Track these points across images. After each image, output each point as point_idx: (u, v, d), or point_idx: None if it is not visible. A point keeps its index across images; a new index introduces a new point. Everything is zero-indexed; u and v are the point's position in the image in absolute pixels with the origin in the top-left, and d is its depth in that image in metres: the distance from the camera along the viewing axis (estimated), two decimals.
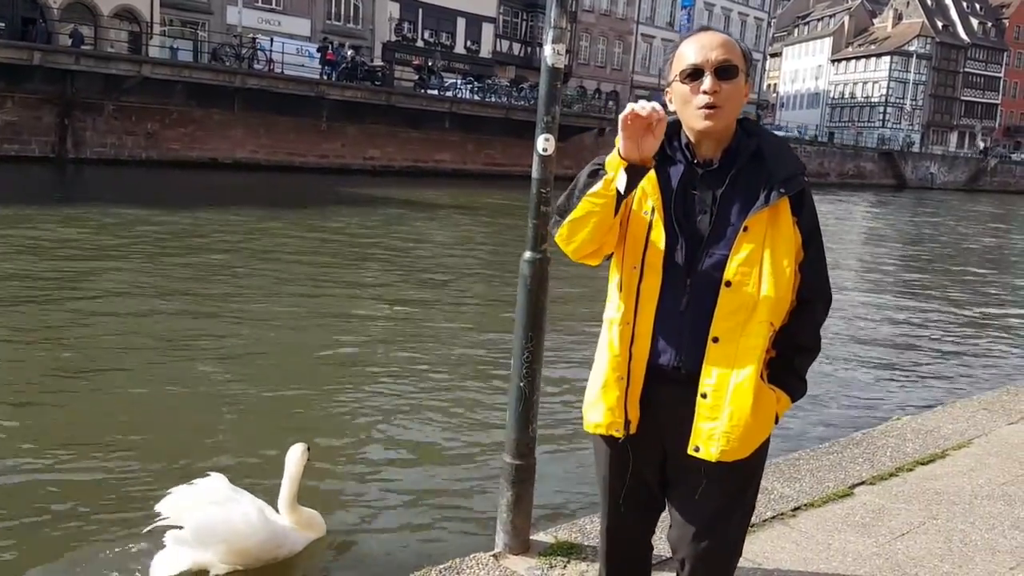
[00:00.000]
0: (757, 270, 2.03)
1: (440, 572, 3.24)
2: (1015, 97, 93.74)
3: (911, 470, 4.62)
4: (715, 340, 2.05)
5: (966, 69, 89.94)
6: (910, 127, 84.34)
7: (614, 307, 2.17)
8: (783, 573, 3.38)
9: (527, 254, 3.24)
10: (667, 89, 2.19)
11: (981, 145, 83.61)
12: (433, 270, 14.13)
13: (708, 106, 2.03)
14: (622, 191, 2.02)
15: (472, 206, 26.73)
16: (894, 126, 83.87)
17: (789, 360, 2.17)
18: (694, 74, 2.05)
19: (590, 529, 3.61)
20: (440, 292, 12.31)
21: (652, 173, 2.08)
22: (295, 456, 4.11)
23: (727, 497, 2.18)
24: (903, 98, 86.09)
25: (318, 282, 12.24)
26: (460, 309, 11.30)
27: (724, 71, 2.03)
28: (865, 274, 17.83)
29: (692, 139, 2.12)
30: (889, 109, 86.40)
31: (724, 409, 2.06)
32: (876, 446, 4.98)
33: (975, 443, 5.18)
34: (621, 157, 2.00)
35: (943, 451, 4.97)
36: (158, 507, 3.83)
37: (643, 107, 1.95)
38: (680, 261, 2.07)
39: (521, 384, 3.27)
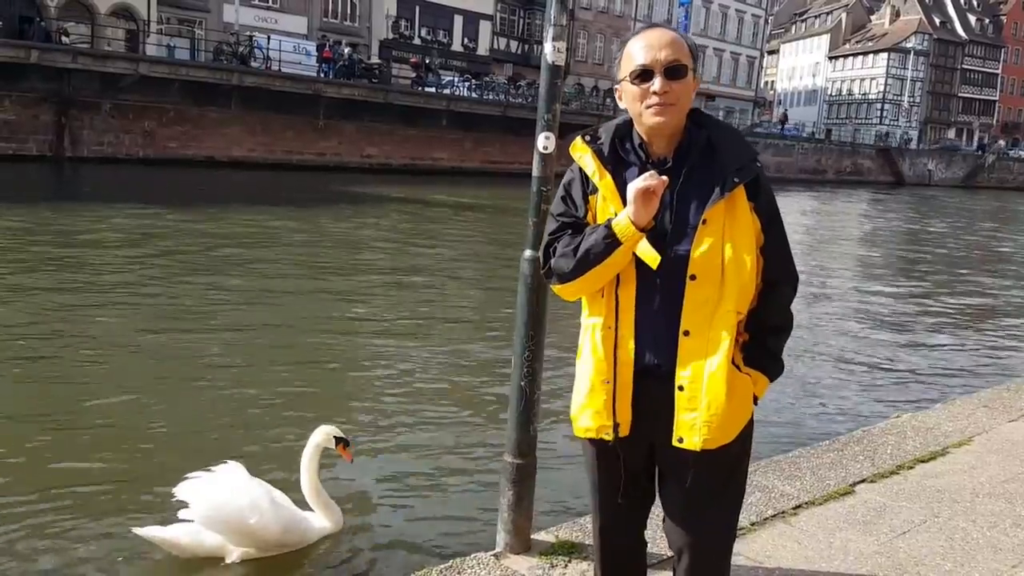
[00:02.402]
0: (719, 261, 2.07)
1: (441, 571, 3.24)
2: (1013, 93, 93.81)
3: (912, 468, 4.62)
4: (686, 333, 2.10)
5: (964, 66, 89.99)
6: (908, 124, 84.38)
7: (595, 314, 2.21)
8: (784, 572, 3.38)
9: (527, 252, 3.23)
10: (617, 88, 2.22)
11: (970, 145, 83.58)
12: (432, 269, 14.11)
13: (659, 105, 2.07)
14: (646, 253, 2.07)
15: (470, 204, 26.71)
16: (892, 123, 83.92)
17: (762, 342, 2.22)
18: (643, 75, 2.09)
19: (591, 528, 3.60)
20: (439, 291, 12.30)
21: (609, 179, 2.14)
22: (310, 441, 4.24)
23: (716, 484, 2.22)
24: (901, 95, 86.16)
25: (315, 281, 12.22)
26: (460, 308, 11.30)
27: (673, 71, 2.08)
28: (863, 271, 17.84)
29: (645, 138, 2.16)
30: (887, 106, 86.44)
31: (701, 399, 2.10)
32: (877, 444, 4.97)
33: (976, 441, 5.18)
34: (637, 228, 2.03)
35: (944, 449, 4.97)
36: (175, 491, 3.98)
37: (653, 180, 2.00)
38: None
39: (522, 383, 3.26)
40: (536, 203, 3.19)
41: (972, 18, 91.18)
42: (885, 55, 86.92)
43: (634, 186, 2.02)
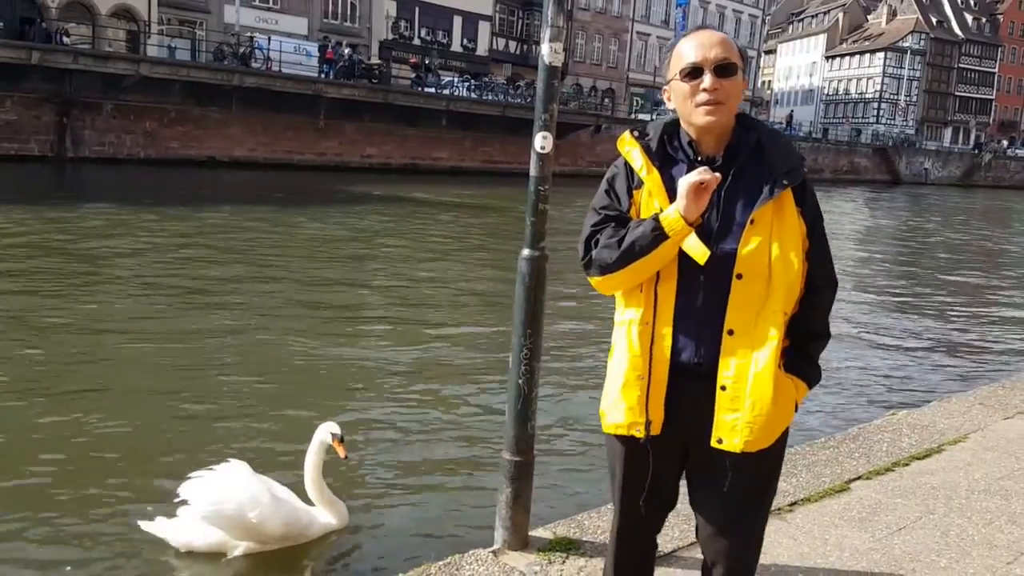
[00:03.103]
0: (766, 261, 2.07)
1: (440, 568, 3.26)
2: (1009, 93, 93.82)
3: (907, 465, 4.64)
4: (730, 332, 2.09)
5: (960, 65, 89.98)
6: (904, 123, 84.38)
7: (632, 309, 2.20)
8: (780, 568, 3.40)
9: (525, 251, 3.26)
10: (665, 88, 2.22)
11: (967, 144, 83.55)
12: (431, 267, 14.13)
13: (709, 103, 2.07)
14: (694, 248, 2.08)
15: (470, 203, 26.71)
16: (888, 122, 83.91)
17: (803, 347, 2.22)
18: (693, 72, 2.09)
19: (588, 525, 3.63)
20: (438, 289, 12.31)
21: (656, 175, 2.14)
22: (314, 438, 4.27)
23: (753, 488, 2.22)
24: (897, 94, 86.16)
25: (315, 280, 12.24)
26: (458, 306, 11.32)
27: (723, 69, 2.08)
28: (859, 269, 17.84)
29: (693, 136, 2.16)
30: (883, 105, 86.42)
31: (745, 400, 2.09)
32: (872, 441, 5.00)
33: (971, 438, 5.20)
34: (687, 222, 2.04)
35: (939, 446, 4.99)
36: (179, 489, 4.03)
37: (707, 175, 2.01)
38: (693, 259, 2.09)
39: (520, 381, 3.29)
40: (534, 202, 3.22)
41: (969, 17, 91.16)
42: (882, 54, 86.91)
43: (687, 180, 2.03)
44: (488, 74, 47.66)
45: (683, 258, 2.10)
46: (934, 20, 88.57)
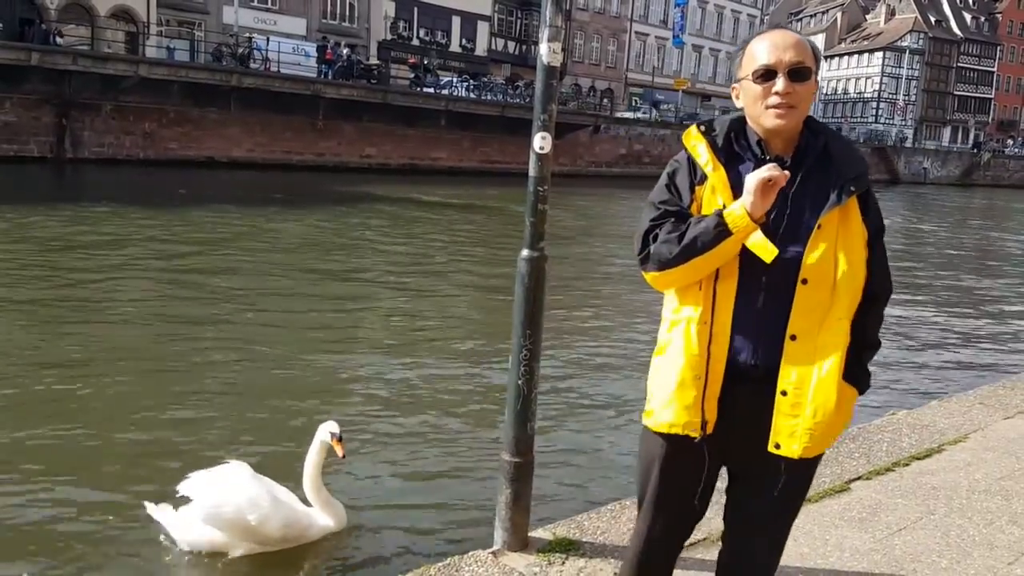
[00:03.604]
0: (832, 267, 2.05)
1: (439, 570, 3.25)
2: (1008, 92, 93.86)
3: (907, 465, 4.63)
4: (793, 338, 2.07)
5: (959, 64, 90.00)
6: (903, 122, 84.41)
7: (689, 306, 2.15)
8: (780, 568, 3.34)
9: (525, 252, 3.25)
10: (734, 86, 2.19)
11: (966, 143, 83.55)
12: (431, 268, 14.13)
13: (780, 106, 2.04)
14: (761, 245, 2.04)
15: (469, 204, 26.71)
16: (887, 121, 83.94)
17: (859, 356, 2.19)
18: (766, 75, 2.06)
19: (588, 526, 3.62)
20: (438, 290, 12.31)
21: (722, 171, 2.11)
22: (315, 438, 4.26)
23: (798, 492, 2.25)
24: (896, 93, 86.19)
25: (314, 281, 12.24)
26: (458, 307, 11.31)
27: (797, 73, 2.05)
28: None
29: (762, 136, 2.13)
30: (882, 104, 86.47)
31: (807, 407, 2.07)
32: (872, 441, 4.99)
33: (971, 438, 5.20)
34: (752, 219, 2.01)
35: (939, 446, 4.98)
36: (178, 488, 4.04)
37: (776, 171, 1.99)
38: (756, 259, 2.06)
39: (519, 382, 3.28)
40: (533, 203, 3.21)
41: (967, 16, 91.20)
42: (880, 54, 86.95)
43: (756, 176, 1.99)
44: (487, 74, 47.66)
45: (745, 257, 2.07)
46: (933, 19, 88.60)
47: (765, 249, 2.02)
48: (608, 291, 13.06)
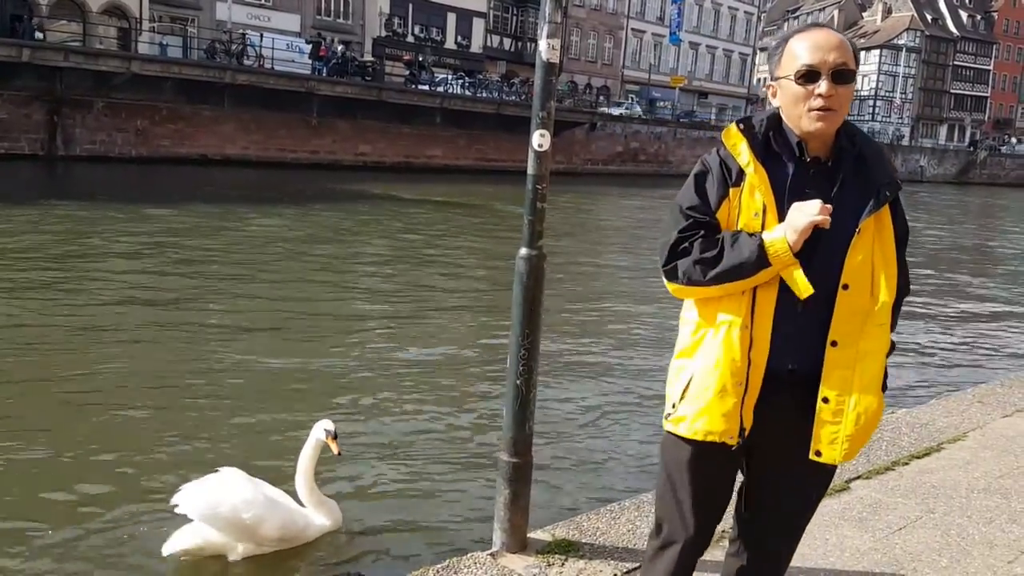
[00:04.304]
0: (870, 272, 2.04)
1: (438, 571, 3.23)
2: (1004, 90, 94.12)
3: (907, 464, 4.62)
4: (833, 344, 2.04)
5: (955, 62, 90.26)
6: (900, 120, 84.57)
7: (727, 312, 2.09)
8: None
9: (523, 251, 3.22)
10: (771, 84, 2.14)
11: (962, 142, 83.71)
12: (427, 267, 14.10)
13: (823, 109, 2.00)
14: (800, 281, 2.01)
15: (465, 202, 26.68)
16: (883, 119, 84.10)
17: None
18: (809, 75, 2.01)
19: (587, 527, 3.60)
20: (435, 289, 12.27)
21: (763, 172, 2.06)
22: (310, 436, 4.26)
23: (822, 493, 2.29)
24: (892, 91, 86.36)
25: (310, 280, 12.20)
26: (455, 306, 11.28)
27: (841, 75, 2.01)
28: None
29: (799, 137, 2.09)
30: (879, 103, 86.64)
31: (848, 414, 2.06)
32: (871, 440, 4.95)
33: (970, 436, 5.19)
34: (794, 253, 1.98)
35: (938, 445, 4.98)
36: (175, 498, 4.00)
37: (827, 214, 1.95)
38: None
39: (518, 382, 3.25)
40: (531, 201, 3.18)
41: (964, 15, 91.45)
42: (877, 52, 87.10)
43: (807, 216, 1.95)
44: (482, 71, 47.61)
45: None
46: (929, 17, 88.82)
47: (801, 285, 1.99)
48: (608, 291, 13.04)
